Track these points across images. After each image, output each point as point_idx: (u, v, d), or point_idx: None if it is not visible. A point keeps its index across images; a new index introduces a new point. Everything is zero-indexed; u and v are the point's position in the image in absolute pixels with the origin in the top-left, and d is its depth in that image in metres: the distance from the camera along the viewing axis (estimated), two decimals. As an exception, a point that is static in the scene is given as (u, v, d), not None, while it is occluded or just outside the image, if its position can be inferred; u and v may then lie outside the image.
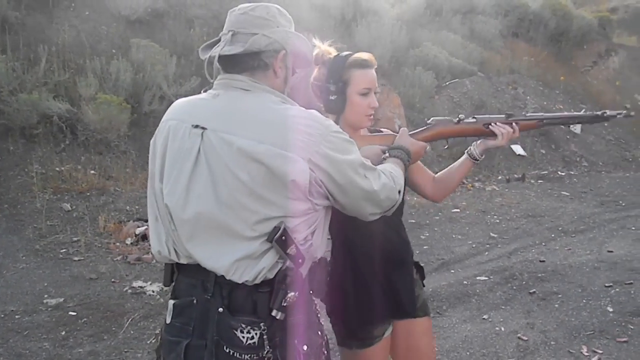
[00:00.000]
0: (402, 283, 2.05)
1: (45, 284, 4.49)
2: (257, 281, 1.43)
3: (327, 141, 1.44)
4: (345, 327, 2.05)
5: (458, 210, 7.13)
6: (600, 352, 3.56)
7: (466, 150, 2.15)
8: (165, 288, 4.46)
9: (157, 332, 1.66)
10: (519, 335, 3.81)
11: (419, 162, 2.17)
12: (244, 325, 1.42)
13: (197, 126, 1.47)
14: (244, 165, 1.40)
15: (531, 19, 14.13)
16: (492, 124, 2.08)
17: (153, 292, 4.44)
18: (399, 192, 1.63)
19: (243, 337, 1.42)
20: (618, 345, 3.64)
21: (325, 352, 1.60)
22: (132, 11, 8.45)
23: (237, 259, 1.42)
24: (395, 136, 2.01)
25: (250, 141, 1.40)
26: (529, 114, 2.17)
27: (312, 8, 9.95)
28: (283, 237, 1.41)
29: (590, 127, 11.57)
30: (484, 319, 4.09)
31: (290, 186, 1.40)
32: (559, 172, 9.66)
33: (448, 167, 2.22)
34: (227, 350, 1.43)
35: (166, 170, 1.53)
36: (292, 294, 1.42)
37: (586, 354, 3.54)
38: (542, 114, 2.22)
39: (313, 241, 1.50)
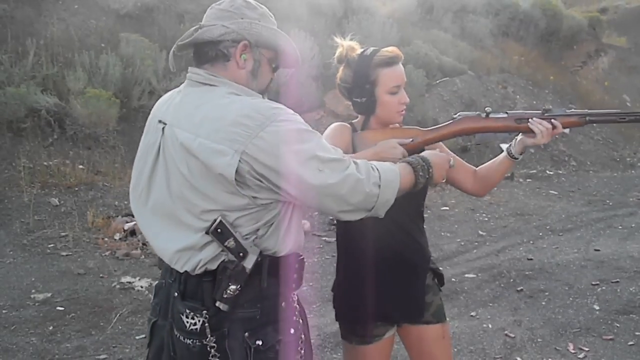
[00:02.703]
0: (410, 288, 2.01)
1: (33, 279, 4.46)
2: (198, 272, 1.45)
3: (267, 132, 1.37)
4: (345, 322, 2.06)
5: (447, 208, 7.15)
6: (587, 349, 3.59)
7: (505, 148, 2.04)
8: (154, 284, 4.46)
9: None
10: (506, 332, 3.84)
11: (456, 157, 2.07)
12: (188, 311, 1.44)
13: (160, 121, 1.53)
14: (185, 159, 1.43)
15: (522, 19, 14.19)
16: (530, 120, 1.93)
17: (141, 287, 4.42)
18: (379, 186, 1.48)
19: (187, 322, 1.44)
20: (604, 342, 3.68)
21: (302, 350, 1.54)
22: (122, 5, 8.41)
23: (178, 249, 1.47)
24: (418, 130, 1.95)
25: (190, 135, 1.42)
26: (569, 110, 2.00)
27: (303, 5, 9.94)
28: (219, 230, 1.41)
29: (579, 127, 11.62)
30: (471, 316, 4.11)
31: (220, 180, 1.38)
32: (548, 172, 9.71)
33: (489, 162, 2.12)
34: (176, 333, 1.48)
35: (135, 164, 1.62)
36: (234, 287, 1.41)
37: (572, 351, 3.57)
38: (585, 110, 2.02)
39: (268, 236, 1.47)
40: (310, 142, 1.43)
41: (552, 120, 1.94)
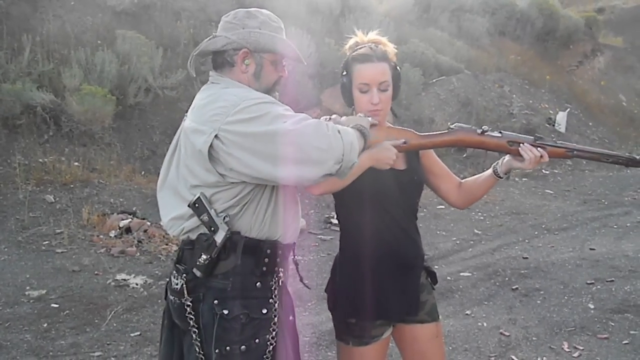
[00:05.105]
0: (405, 287, 2.00)
1: (28, 276, 4.45)
2: (182, 237, 1.69)
3: (238, 111, 1.55)
4: (342, 322, 2.03)
5: (443, 207, 7.15)
6: (581, 348, 3.60)
7: (492, 165, 2.05)
8: (149, 281, 4.46)
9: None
10: (501, 330, 3.84)
11: (445, 167, 2.13)
12: (175, 272, 1.70)
13: (186, 116, 1.75)
14: (185, 142, 1.67)
15: (518, 18, 14.23)
16: (520, 144, 1.92)
17: (136, 284, 4.41)
18: (339, 132, 1.58)
19: (173, 281, 1.70)
20: (599, 341, 3.68)
21: (274, 332, 1.66)
22: (118, 2, 8.38)
23: (172, 217, 1.70)
24: (412, 133, 1.93)
25: (190, 122, 1.66)
26: (559, 142, 2.00)
27: (300, 3, 9.93)
28: (196, 205, 1.60)
29: (575, 126, 11.67)
30: (467, 314, 4.12)
31: (200, 156, 1.57)
32: (543, 171, 9.73)
33: (474, 177, 2.13)
34: (168, 290, 1.75)
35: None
36: (205, 257, 1.60)
37: (567, 349, 3.58)
38: (573, 144, 2.01)
39: (241, 216, 1.63)
40: (273, 106, 1.58)
41: (541, 149, 1.93)
